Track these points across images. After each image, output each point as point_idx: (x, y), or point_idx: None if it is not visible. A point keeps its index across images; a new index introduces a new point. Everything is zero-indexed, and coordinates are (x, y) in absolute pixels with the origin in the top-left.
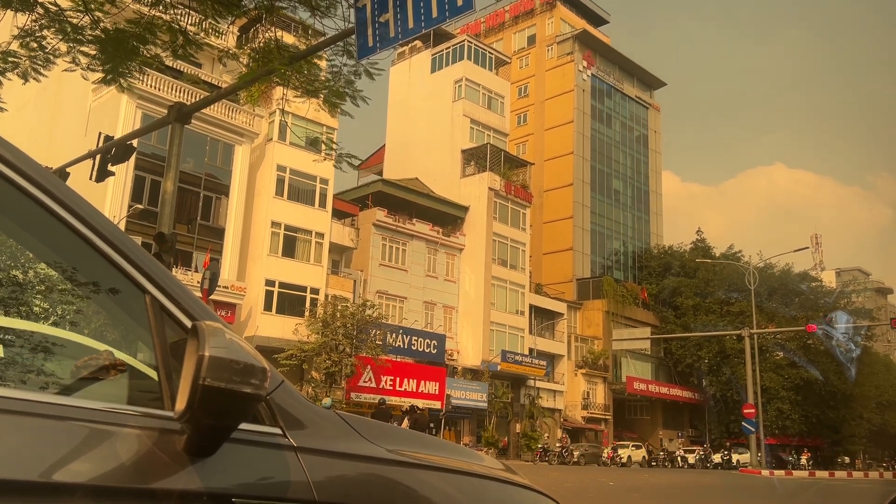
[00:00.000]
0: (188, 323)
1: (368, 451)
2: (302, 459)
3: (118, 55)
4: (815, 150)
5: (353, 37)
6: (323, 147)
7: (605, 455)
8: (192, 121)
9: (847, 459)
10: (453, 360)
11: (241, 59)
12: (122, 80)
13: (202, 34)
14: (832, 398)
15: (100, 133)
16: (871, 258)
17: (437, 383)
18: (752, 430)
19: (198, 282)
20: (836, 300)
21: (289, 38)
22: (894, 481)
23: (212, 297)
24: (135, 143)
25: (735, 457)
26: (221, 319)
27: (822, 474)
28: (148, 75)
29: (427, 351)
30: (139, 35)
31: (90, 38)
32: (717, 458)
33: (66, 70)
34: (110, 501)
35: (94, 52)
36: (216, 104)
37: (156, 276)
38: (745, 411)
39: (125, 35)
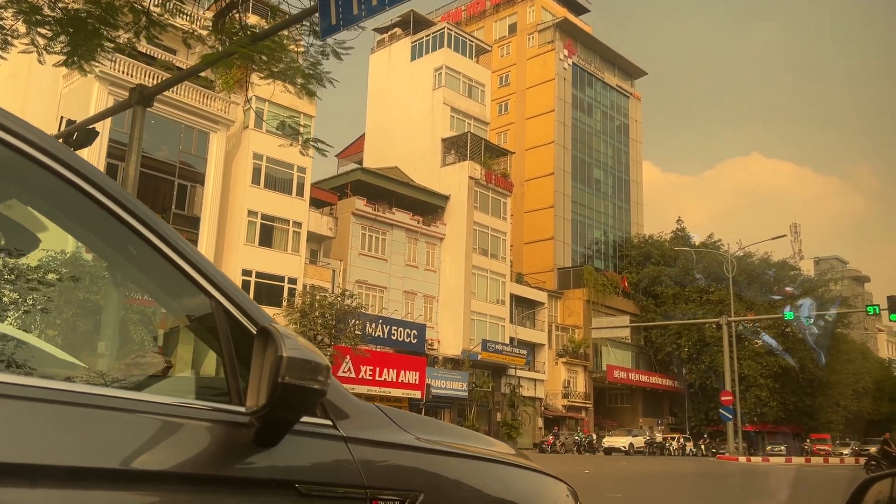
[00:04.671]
0: (249, 325)
1: (405, 439)
2: (351, 448)
3: (78, 37)
4: (793, 140)
5: (318, 16)
6: (291, 132)
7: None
8: (167, 108)
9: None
10: (434, 349)
11: (206, 42)
12: (83, 64)
13: (167, 15)
14: (809, 385)
15: (61, 117)
16: (849, 247)
17: (417, 373)
18: (730, 416)
19: None
20: (814, 287)
21: (263, 24)
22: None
23: None
24: (99, 128)
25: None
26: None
27: (798, 460)
28: (119, 61)
29: (407, 341)
30: (99, 16)
31: (48, 17)
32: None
33: (22, 52)
34: (190, 488)
35: (51, 34)
36: (191, 91)
37: (221, 284)
38: (723, 398)
39: (84, 15)
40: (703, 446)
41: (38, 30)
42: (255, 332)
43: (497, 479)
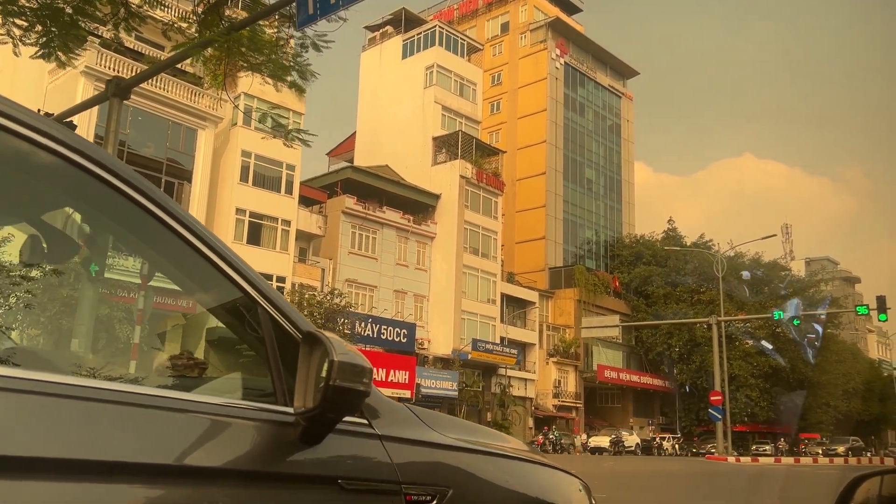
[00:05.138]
0: (291, 330)
1: (434, 437)
2: (385, 446)
3: (55, 28)
4: (785, 141)
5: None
6: (273, 123)
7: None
8: (154, 104)
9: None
10: (424, 348)
11: (186, 34)
12: (61, 56)
13: (146, 7)
14: (799, 386)
15: (38, 110)
16: (840, 248)
17: (407, 372)
18: (719, 416)
19: None
20: (805, 288)
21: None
22: (856, 467)
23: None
24: (85, 122)
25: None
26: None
27: (787, 460)
28: (106, 56)
29: (397, 340)
30: (76, 6)
31: (24, 8)
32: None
33: None
34: (242, 483)
35: (27, 24)
36: (179, 87)
37: (266, 291)
38: (712, 398)
39: (61, 6)
40: (676, 446)
41: (14, 20)
42: (299, 337)
43: (518, 475)
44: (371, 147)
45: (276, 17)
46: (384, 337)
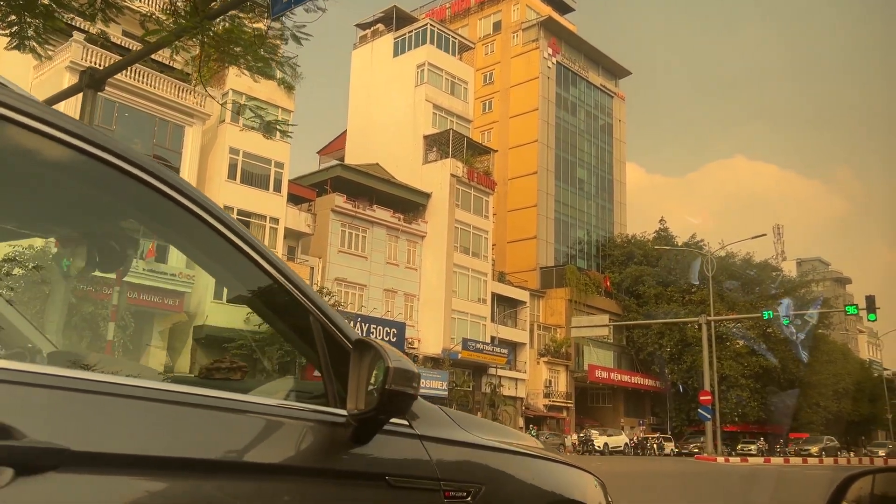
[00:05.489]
0: (340, 338)
1: (467, 437)
2: (425, 445)
3: (29, 17)
4: (777, 143)
5: None
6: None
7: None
8: (141, 100)
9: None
10: (414, 348)
11: (163, 25)
12: (36, 47)
13: None
14: (790, 386)
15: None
16: (831, 249)
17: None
18: (708, 416)
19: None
20: (796, 288)
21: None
22: (847, 467)
23: (159, 285)
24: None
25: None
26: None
27: (777, 461)
28: (92, 52)
29: (386, 339)
30: None
31: None
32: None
33: None
34: (300, 479)
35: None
36: (166, 84)
37: (318, 303)
38: (702, 398)
39: None
40: (655, 446)
41: None
42: (348, 345)
43: (542, 473)
44: (362, 145)
45: (254, 7)
46: (373, 336)
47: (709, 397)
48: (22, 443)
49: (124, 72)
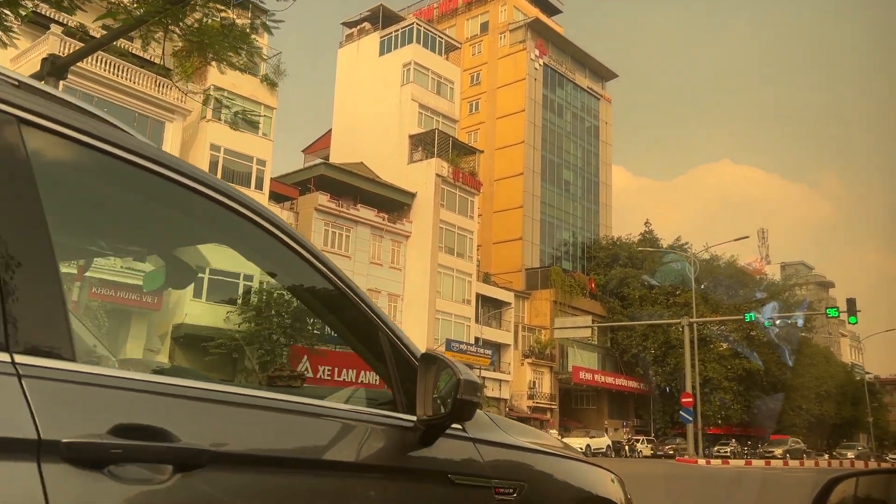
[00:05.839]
0: (405, 351)
1: (509, 440)
2: (477, 447)
3: None
4: (762, 147)
5: None
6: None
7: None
8: (119, 94)
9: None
10: None
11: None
12: (2, 36)
13: None
14: (773, 389)
15: None
16: (815, 253)
17: (308, 366)
18: (690, 418)
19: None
20: (779, 292)
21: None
22: (828, 470)
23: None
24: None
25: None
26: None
27: (758, 463)
28: (69, 45)
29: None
30: None
31: None
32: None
33: None
34: (376, 474)
35: None
36: (146, 79)
37: (387, 321)
38: (683, 400)
39: None
40: (627, 448)
41: None
42: (411, 358)
43: (573, 472)
44: (347, 144)
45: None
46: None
47: (690, 399)
48: (177, 444)
49: (103, 66)
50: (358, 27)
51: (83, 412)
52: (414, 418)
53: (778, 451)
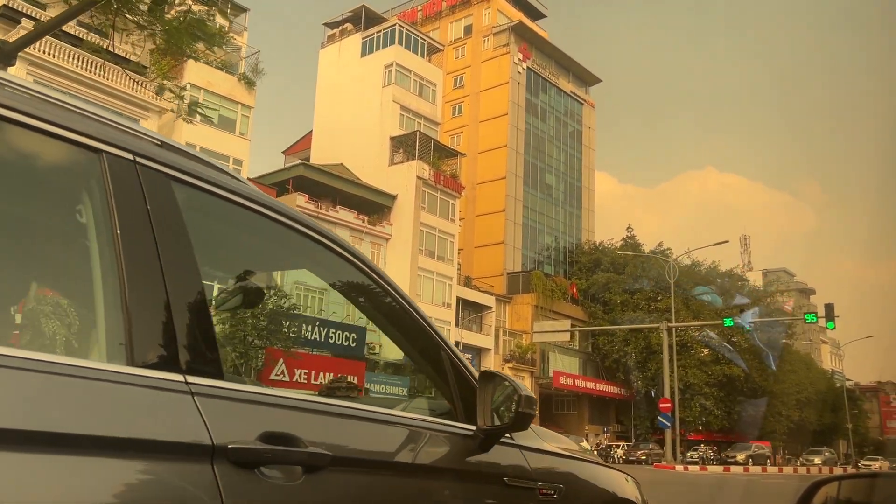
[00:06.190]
0: (462, 369)
1: (547, 446)
2: (523, 453)
3: None
4: (746, 155)
5: None
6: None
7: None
8: (92, 91)
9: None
10: (375, 353)
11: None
12: None
13: None
14: (753, 395)
15: None
16: (797, 261)
17: (356, 377)
18: (668, 424)
19: None
20: (760, 298)
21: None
22: (808, 476)
23: None
24: None
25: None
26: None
27: (736, 469)
28: (43, 40)
29: (346, 344)
30: None
31: None
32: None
33: None
34: (445, 476)
35: None
36: (120, 76)
37: (447, 342)
38: (661, 405)
39: None
40: (602, 452)
41: None
42: (469, 374)
43: (599, 476)
44: (328, 146)
45: None
46: (332, 341)
47: (668, 405)
48: (306, 449)
49: (75, 61)
50: (340, 28)
51: (239, 422)
52: (472, 427)
53: (740, 457)
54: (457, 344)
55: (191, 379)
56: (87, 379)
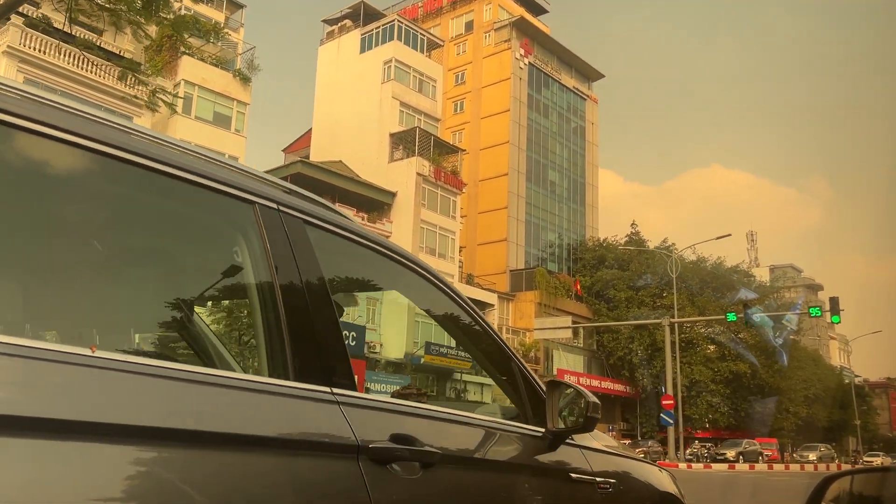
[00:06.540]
0: (530, 378)
1: (599, 446)
2: (583, 452)
3: None
4: (754, 152)
5: None
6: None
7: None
8: (84, 88)
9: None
10: (375, 352)
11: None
12: None
13: None
14: (760, 391)
15: None
16: (805, 257)
17: (356, 377)
18: (671, 421)
19: None
20: (767, 293)
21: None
22: (815, 473)
23: None
24: None
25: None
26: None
27: (742, 467)
28: (31, 37)
29: (346, 343)
30: None
31: None
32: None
33: None
34: (522, 472)
35: None
36: (113, 72)
37: (515, 353)
38: (664, 403)
39: None
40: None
41: None
42: (536, 383)
43: (644, 472)
44: (327, 143)
45: None
46: None
47: (671, 402)
48: (423, 448)
49: (65, 58)
50: (339, 24)
51: (373, 426)
52: (540, 429)
53: (730, 454)
54: (457, 344)
55: (335, 390)
56: (264, 393)
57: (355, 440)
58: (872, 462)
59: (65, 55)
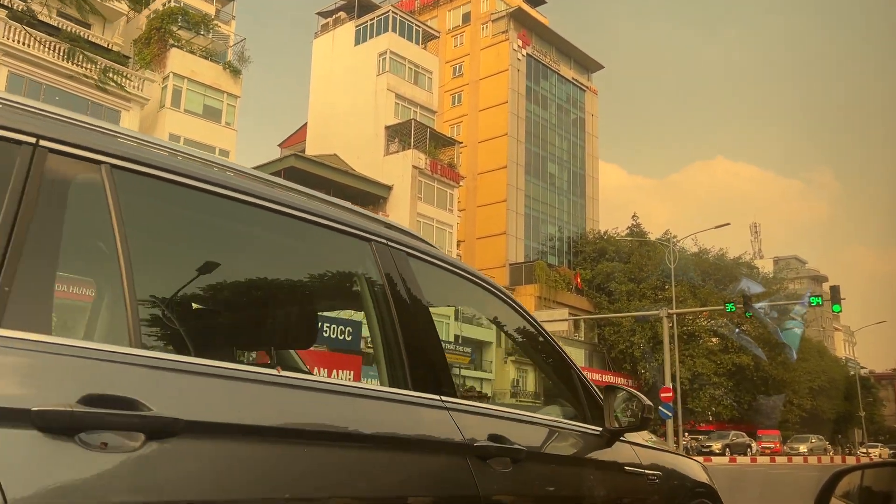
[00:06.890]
0: (587, 383)
1: (644, 442)
2: (633, 448)
3: None
4: (757, 144)
5: None
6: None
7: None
8: (72, 83)
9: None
10: (371, 347)
11: None
12: None
13: None
14: (763, 384)
15: None
16: (809, 249)
17: (352, 372)
18: (669, 414)
19: None
20: (770, 285)
21: None
22: (822, 466)
23: None
24: None
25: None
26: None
27: (743, 460)
28: (16, 30)
29: (342, 338)
30: None
31: None
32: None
33: None
34: (583, 466)
35: None
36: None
37: (572, 362)
38: (663, 395)
39: None
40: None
41: None
42: (592, 388)
43: (681, 464)
44: (322, 137)
45: None
46: (327, 335)
47: (670, 394)
48: (510, 446)
49: (52, 52)
50: (333, 17)
51: (475, 427)
52: (597, 428)
53: (716, 446)
54: (456, 338)
55: (443, 398)
56: (392, 402)
57: (464, 440)
58: (870, 453)
59: (51, 49)
